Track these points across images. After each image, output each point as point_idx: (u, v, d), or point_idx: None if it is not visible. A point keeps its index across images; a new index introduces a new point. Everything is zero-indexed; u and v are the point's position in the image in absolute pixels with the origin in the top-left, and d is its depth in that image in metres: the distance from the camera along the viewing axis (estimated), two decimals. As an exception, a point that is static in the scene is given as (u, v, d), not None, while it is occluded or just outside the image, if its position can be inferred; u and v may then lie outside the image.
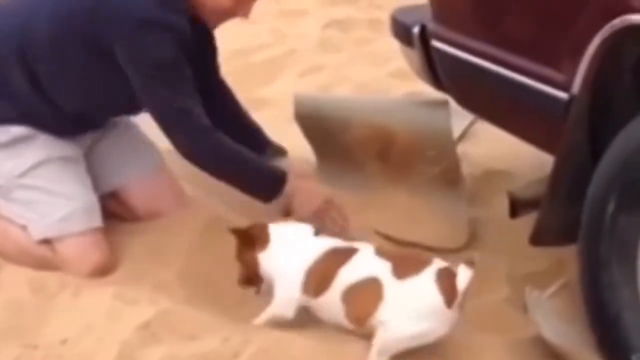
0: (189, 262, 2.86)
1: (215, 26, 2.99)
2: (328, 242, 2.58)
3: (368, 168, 3.27)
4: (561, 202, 2.50)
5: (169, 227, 2.99)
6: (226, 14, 2.91)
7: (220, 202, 3.10)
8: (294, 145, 3.28)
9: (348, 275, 2.47)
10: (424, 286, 2.35)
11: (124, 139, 3.11)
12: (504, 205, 2.81)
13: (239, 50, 4.92)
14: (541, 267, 2.89)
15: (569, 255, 2.52)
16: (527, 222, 2.63)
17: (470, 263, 2.33)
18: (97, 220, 2.92)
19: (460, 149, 3.51)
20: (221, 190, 3.13)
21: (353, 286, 2.45)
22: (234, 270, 2.70)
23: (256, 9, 2.91)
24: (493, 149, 3.56)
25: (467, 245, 3.02)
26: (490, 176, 3.45)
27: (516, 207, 2.80)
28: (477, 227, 3.13)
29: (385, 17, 3.18)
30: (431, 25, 2.83)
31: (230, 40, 3.75)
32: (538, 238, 2.55)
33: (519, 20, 2.54)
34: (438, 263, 2.39)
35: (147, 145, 3.15)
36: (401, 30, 3.03)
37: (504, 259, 2.93)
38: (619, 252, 2.31)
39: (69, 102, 2.91)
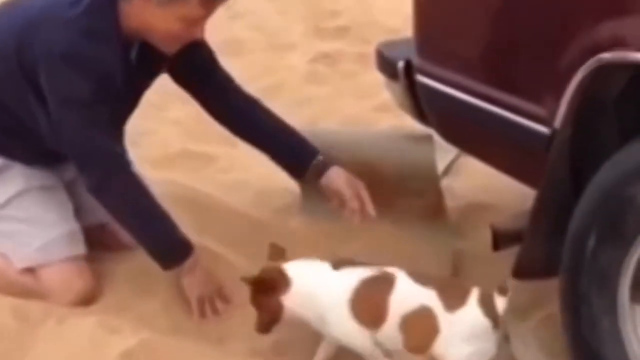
0: (174, 292, 2.86)
1: (171, 51, 2.81)
2: (356, 271, 2.52)
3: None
4: (543, 235, 2.50)
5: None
6: (179, 39, 2.77)
7: (207, 233, 3.10)
8: (279, 176, 3.29)
9: (401, 304, 2.46)
10: (472, 314, 2.42)
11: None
12: (486, 238, 2.82)
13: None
14: (524, 300, 2.90)
15: (551, 287, 2.53)
16: (510, 255, 2.64)
17: (503, 289, 2.43)
18: (79, 248, 2.92)
19: (444, 182, 3.53)
20: (208, 222, 3.15)
21: (409, 316, 2.44)
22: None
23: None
24: (477, 182, 3.58)
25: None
26: (474, 209, 3.46)
27: (499, 241, 2.82)
28: (460, 260, 3.14)
29: (372, 51, 3.20)
30: (416, 60, 2.85)
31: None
32: (520, 271, 2.56)
33: (502, 56, 2.56)
34: (476, 289, 2.45)
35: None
36: (386, 65, 3.04)
37: (486, 292, 2.93)
38: (600, 285, 2.32)
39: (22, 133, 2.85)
